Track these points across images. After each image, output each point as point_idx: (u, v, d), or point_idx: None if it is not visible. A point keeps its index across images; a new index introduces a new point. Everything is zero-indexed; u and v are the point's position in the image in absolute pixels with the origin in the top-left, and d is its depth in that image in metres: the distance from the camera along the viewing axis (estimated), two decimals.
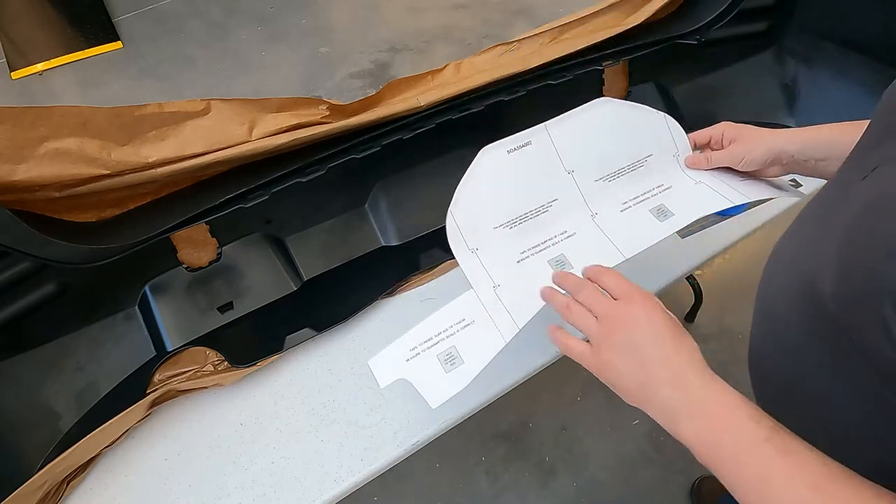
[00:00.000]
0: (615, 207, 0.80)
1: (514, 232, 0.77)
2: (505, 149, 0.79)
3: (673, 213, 0.78)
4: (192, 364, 0.91)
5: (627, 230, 0.77)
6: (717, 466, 0.45)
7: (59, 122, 0.74)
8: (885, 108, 0.50)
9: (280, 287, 0.99)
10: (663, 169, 0.83)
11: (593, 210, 0.80)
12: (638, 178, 0.82)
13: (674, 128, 0.85)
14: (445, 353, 0.70)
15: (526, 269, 0.74)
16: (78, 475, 0.80)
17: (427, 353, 0.71)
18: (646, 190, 0.81)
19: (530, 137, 0.80)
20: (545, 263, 0.75)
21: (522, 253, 0.76)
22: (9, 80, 2.88)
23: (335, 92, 2.75)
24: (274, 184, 0.90)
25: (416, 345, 0.71)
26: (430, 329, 0.72)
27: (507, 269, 0.75)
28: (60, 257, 0.76)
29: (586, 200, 0.80)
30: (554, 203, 0.79)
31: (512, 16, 3.14)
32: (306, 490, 0.79)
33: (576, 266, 0.74)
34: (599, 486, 1.61)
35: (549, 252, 0.76)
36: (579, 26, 1.13)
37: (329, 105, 0.92)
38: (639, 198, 0.81)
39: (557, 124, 0.82)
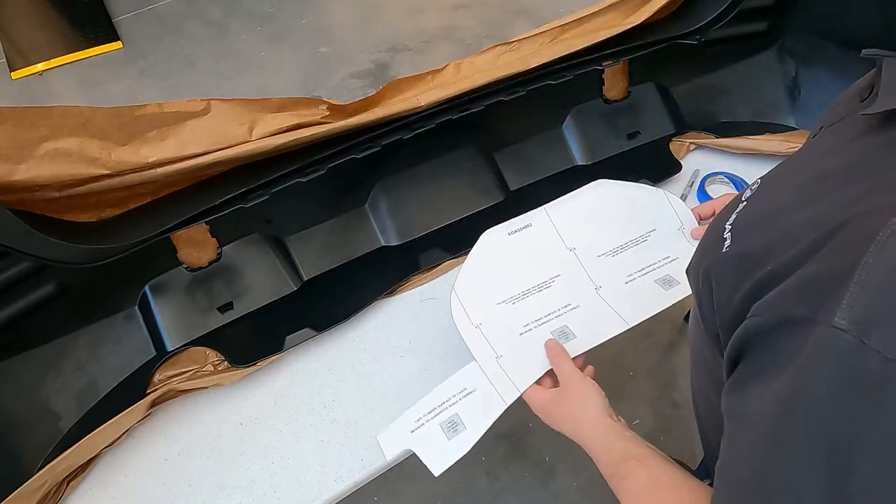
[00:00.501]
0: (620, 280, 0.82)
1: (516, 307, 0.80)
2: (506, 231, 0.84)
3: (679, 281, 0.80)
4: (192, 364, 0.91)
5: (632, 300, 0.80)
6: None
7: (59, 122, 0.74)
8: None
9: (280, 287, 0.99)
10: (668, 242, 0.85)
11: (597, 284, 0.82)
12: (642, 252, 0.84)
13: (675, 202, 0.88)
14: (448, 422, 0.74)
15: (529, 340, 0.78)
16: (78, 475, 0.80)
17: (430, 424, 0.74)
18: (651, 263, 0.83)
19: (530, 220, 0.85)
20: (548, 334, 0.78)
21: (525, 326, 0.79)
22: (9, 80, 2.88)
23: (335, 92, 2.75)
24: (274, 184, 0.90)
25: (420, 416, 0.75)
26: (434, 400, 0.76)
27: (510, 340, 0.78)
28: (60, 257, 0.76)
29: (589, 275, 0.83)
30: (556, 279, 0.82)
31: (512, 16, 3.14)
32: (306, 490, 0.79)
33: (579, 336, 0.77)
34: (599, 486, 1.61)
35: (551, 324, 0.79)
36: (579, 26, 1.13)
37: (329, 105, 0.92)
38: (644, 270, 0.83)
39: (556, 207, 0.85)
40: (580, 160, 1.17)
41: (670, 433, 1.70)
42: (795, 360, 0.33)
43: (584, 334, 0.77)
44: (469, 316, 0.79)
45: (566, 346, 0.76)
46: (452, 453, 0.71)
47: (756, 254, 0.40)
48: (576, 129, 1.17)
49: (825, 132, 0.50)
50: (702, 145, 1.17)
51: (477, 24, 3.10)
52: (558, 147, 1.17)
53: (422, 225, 1.07)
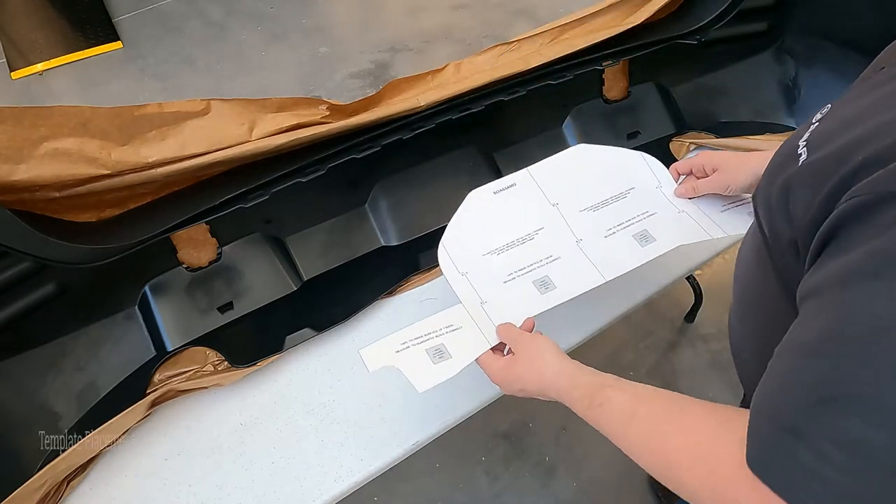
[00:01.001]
0: (600, 233, 0.85)
1: (501, 258, 0.83)
2: (491, 190, 0.87)
3: (655, 238, 0.83)
4: (192, 364, 0.91)
5: (610, 254, 0.83)
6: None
7: (59, 122, 0.74)
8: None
9: (280, 287, 0.99)
10: (646, 199, 0.88)
11: (578, 236, 0.85)
12: (622, 207, 0.87)
13: (652, 163, 0.91)
14: (434, 349, 0.76)
15: (512, 288, 0.81)
16: (78, 475, 0.80)
17: (416, 348, 0.76)
18: (630, 217, 0.86)
19: (514, 180, 0.88)
20: (530, 284, 0.81)
21: (509, 275, 0.82)
22: (9, 80, 2.88)
23: (335, 92, 2.75)
24: (274, 184, 0.90)
25: (406, 340, 0.76)
26: (420, 329, 0.78)
27: (494, 288, 0.81)
28: (60, 257, 0.76)
29: (571, 228, 0.85)
30: (540, 231, 0.85)
31: (512, 16, 3.14)
32: (306, 490, 0.79)
33: (559, 287, 0.80)
34: (599, 486, 1.61)
35: (534, 274, 0.82)
36: (579, 26, 1.13)
37: (329, 105, 0.92)
38: (623, 224, 0.86)
39: (539, 167, 0.89)
40: None
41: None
42: (894, 227, 0.34)
43: (563, 284, 0.80)
44: (455, 265, 0.82)
45: (546, 295, 0.79)
46: (437, 376, 0.72)
47: (839, 154, 0.42)
48: (576, 129, 1.17)
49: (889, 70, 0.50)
50: (702, 145, 1.17)
51: (477, 24, 3.10)
52: (558, 147, 1.16)
53: (422, 225, 1.07)
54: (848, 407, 0.35)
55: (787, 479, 0.39)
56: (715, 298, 1.91)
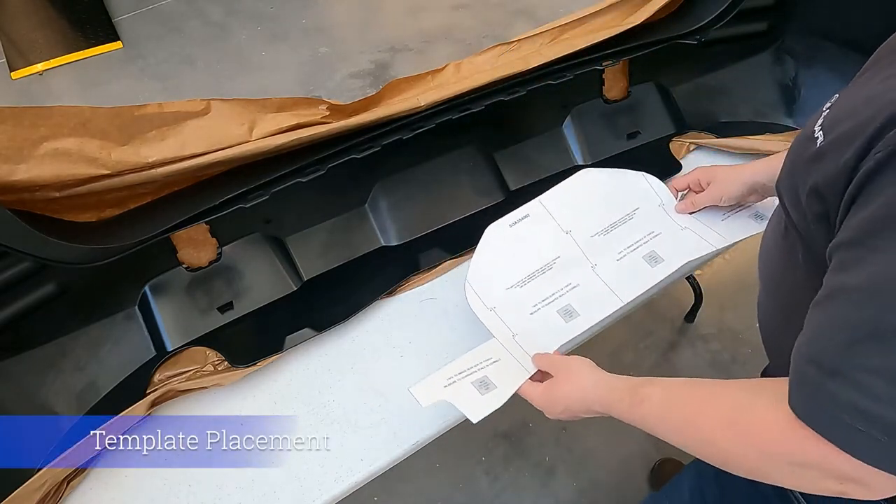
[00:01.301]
0: (612, 257, 0.90)
1: (525, 290, 0.88)
2: (507, 223, 0.92)
3: (663, 258, 0.89)
4: (192, 364, 0.91)
5: (624, 277, 0.87)
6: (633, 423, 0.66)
7: (59, 122, 0.74)
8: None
9: (280, 287, 0.99)
10: (651, 218, 0.93)
11: (593, 262, 0.90)
12: (629, 230, 0.92)
13: (653, 182, 0.96)
14: (479, 381, 0.79)
15: (539, 318, 0.85)
16: (78, 475, 0.80)
17: (463, 382, 0.79)
18: (637, 238, 0.91)
19: (527, 211, 0.93)
20: (555, 313, 0.85)
21: (534, 306, 0.86)
22: (9, 80, 2.88)
23: (335, 92, 2.75)
24: (274, 184, 0.90)
25: (451, 375, 0.80)
26: (463, 364, 0.81)
27: (522, 320, 0.85)
28: (60, 257, 0.76)
29: (585, 254, 0.90)
30: (557, 260, 0.90)
31: (512, 16, 3.14)
32: (306, 490, 0.79)
33: (582, 314, 0.85)
34: (599, 486, 1.61)
35: (557, 303, 0.86)
36: (579, 26, 1.13)
37: (329, 105, 0.92)
38: (632, 246, 0.91)
39: (549, 196, 0.94)
40: (580, 160, 1.17)
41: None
42: None
43: (585, 311, 0.85)
44: (483, 301, 0.86)
45: (570, 323, 0.84)
46: (487, 405, 0.76)
47: (858, 127, 0.44)
48: (576, 129, 1.17)
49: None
50: (702, 145, 1.17)
51: (477, 24, 3.10)
52: (558, 147, 1.17)
53: (422, 225, 1.07)
54: (890, 341, 0.38)
55: (830, 418, 0.41)
56: (715, 298, 1.91)
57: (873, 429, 0.39)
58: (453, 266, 1.02)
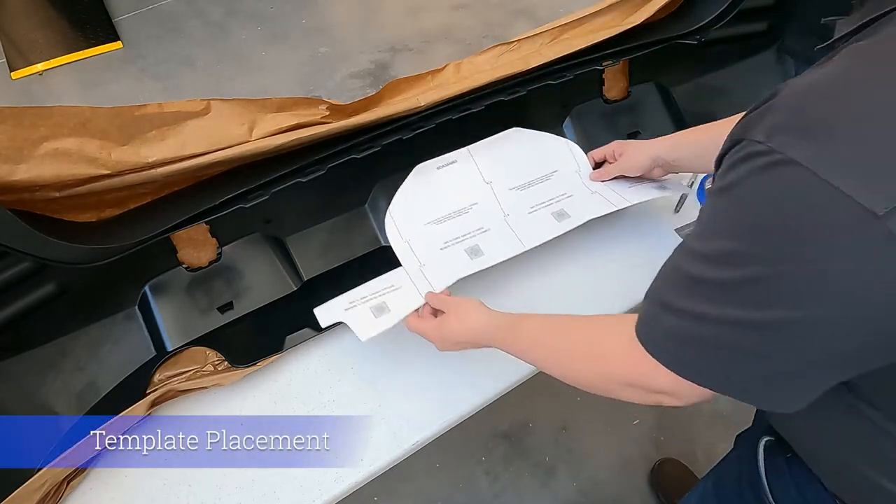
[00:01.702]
0: (524, 210, 0.98)
1: (440, 228, 0.96)
2: (435, 166, 0.98)
3: (570, 216, 0.97)
4: (192, 364, 0.91)
5: (531, 228, 0.96)
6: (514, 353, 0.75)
7: (59, 122, 0.74)
8: None
9: (280, 287, 0.99)
10: (566, 180, 1.02)
11: (506, 212, 0.98)
12: (545, 188, 1.01)
13: (574, 149, 1.05)
14: (376, 306, 0.88)
15: (447, 254, 0.94)
16: (78, 475, 0.80)
17: (362, 307, 0.88)
18: (551, 197, 1.00)
19: (456, 157, 0.99)
20: (462, 251, 0.94)
21: (445, 243, 0.95)
22: (9, 80, 2.88)
23: (335, 92, 2.75)
24: (274, 184, 0.90)
25: (354, 300, 0.89)
26: (366, 290, 0.90)
27: (432, 253, 0.94)
28: (60, 257, 0.76)
29: (500, 204, 0.99)
30: (474, 206, 0.99)
31: (512, 16, 3.14)
32: (306, 490, 0.79)
33: (486, 254, 0.93)
34: (599, 486, 1.61)
35: (466, 243, 0.95)
36: (579, 26, 1.12)
37: (329, 105, 0.92)
38: (544, 203, 0.99)
39: (478, 147, 1.00)
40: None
41: (670, 433, 1.70)
42: (735, 166, 0.45)
43: (490, 252, 0.93)
44: (400, 232, 0.95)
45: (475, 261, 0.92)
46: (377, 327, 0.85)
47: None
48: (576, 128, 1.17)
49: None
50: None
51: (477, 24, 3.10)
52: None
53: None
54: (691, 287, 0.48)
55: (655, 339, 0.53)
56: None
57: (683, 348, 0.50)
58: None
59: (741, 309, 0.44)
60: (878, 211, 0.37)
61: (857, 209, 0.37)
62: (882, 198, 0.37)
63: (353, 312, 0.87)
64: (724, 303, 0.45)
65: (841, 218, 0.38)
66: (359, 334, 0.84)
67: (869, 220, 0.37)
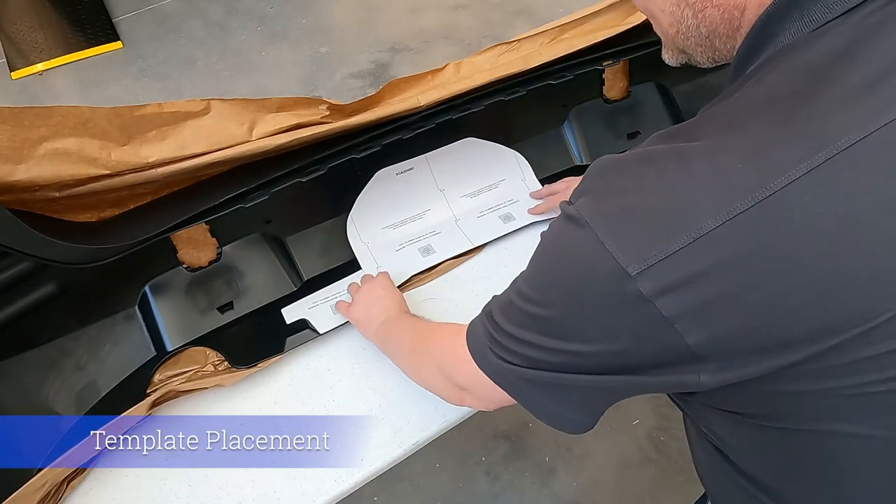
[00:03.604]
0: (474, 215, 1.08)
1: (395, 231, 1.05)
2: (394, 172, 1.04)
3: (515, 218, 1.07)
4: (193, 364, 0.91)
5: (479, 229, 1.06)
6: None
7: (58, 122, 0.73)
8: None
9: (280, 287, 0.99)
10: (512, 188, 1.11)
11: (457, 216, 1.08)
12: (493, 195, 1.11)
13: (520, 160, 1.13)
14: (335, 305, 0.96)
15: (402, 254, 1.03)
16: (78, 475, 0.80)
17: (323, 305, 0.97)
18: (498, 203, 1.10)
19: (413, 164, 1.05)
20: (416, 251, 1.03)
21: (400, 245, 1.04)
22: (9, 80, 2.88)
23: (335, 92, 2.75)
24: (274, 184, 0.90)
25: (316, 301, 0.97)
26: (328, 292, 0.98)
27: (388, 255, 1.03)
28: (60, 257, 0.76)
29: (452, 210, 1.08)
30: (427, 212, 1.07)
31: (512, 16, 3.14)
32: (306, 490, 0.79)
33: (437, 252, 1.03)
34: (599, 486, 1.61)
35: (419, 244, 1.04)
36: (579, 26, 1.12)
37: (329, 105, 0.92)
38: (492, 208, 1.09)
39: (434, 155, 1.07)
40: (580, 160, 1.17)
41: (670, 433, 1.70)
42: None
43: (440, 250, 1.03)
44: (360, 236, 1.03)
45: (426, 259, 1.02)
46: (335, 321, 0.94)
47: None
48: (576, 129, 1.17)
49: None
50: None
51: (477, 24, 3.10)
52: (558, 147, 1.17)
53: None
54: (510, 306, 0.53)
55: (474, 332, 0.59)
56: None
57: (487, 348, 0.56)
58: (453, 266, 1.02)
59: (540, 336, 0.50)
60: (631, 271, 0.42)
61: (614, 265, 0.42)
62: (634, 261, 0.42)
63: (314, 310, 0.96)
64: (526, 329, 0.52)
65: (602, 269, 0.43)
66: (318, 328, 0.93)
67: (622, 277, 0.42)
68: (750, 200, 0.40)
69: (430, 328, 0.77)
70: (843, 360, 0.42)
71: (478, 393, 0.63)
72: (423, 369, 0.74)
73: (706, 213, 0.40)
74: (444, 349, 0.68)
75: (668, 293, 0.42)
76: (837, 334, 0.41)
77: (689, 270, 0.41)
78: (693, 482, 0.68)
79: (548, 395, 0.54)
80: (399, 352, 0.82)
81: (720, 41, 0.54)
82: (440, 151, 1.07)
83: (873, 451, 0.47)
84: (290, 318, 0.95)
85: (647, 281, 0.42)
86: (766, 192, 0.39)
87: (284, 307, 0.96)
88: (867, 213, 0.40)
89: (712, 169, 0.42)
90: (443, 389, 0.70)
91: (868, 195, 0.40)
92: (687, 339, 0.43)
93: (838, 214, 0.40)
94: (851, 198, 0.40)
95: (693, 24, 0.53)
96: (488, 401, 0.63)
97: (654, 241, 0.42)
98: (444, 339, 0.68)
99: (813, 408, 0.46)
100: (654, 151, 0.46)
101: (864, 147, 0.40)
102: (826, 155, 0.40)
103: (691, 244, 0.41)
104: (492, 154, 1.11)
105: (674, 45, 0.59)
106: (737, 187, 0.40)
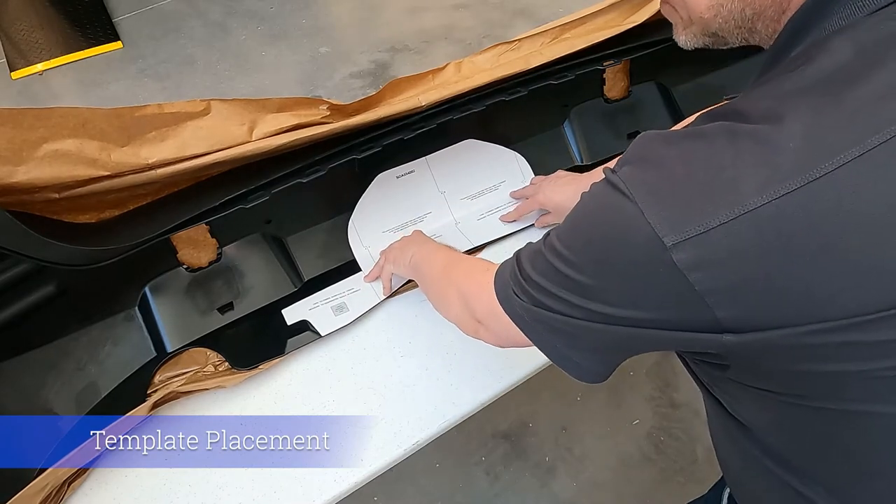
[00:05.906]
0: (474, 217, 1.09)
1: (397, 235, 1.04)
2: (395, 175, 1.04)
3: (515, 219, 1.07)
4: (193, 365, 0.91)
5: (479, 231, 1.06)
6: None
7: (58, 124, 0.73)
8: None
9: (280, 287, 0.99)
10: (512, 190, 1.10)
11: (457, 220, 1.08)
12: (493, 197, 1.10)
13: (521, 162, 1.13)
14: (337, 306, 0.97)
15: None
16: (78, 476, 0.80)
17: (324, 307, 0.97)
18: (498, 205, 1.10)
19: (414, 167, 1.06)
20: None
21: None
22: (9, 80, 2.88)
23: (335, 92, 2.75)
24: (274, 184, 0.90)
25: (317, 302, 0.97)
26: (327, 293, 0.98)
27: None
28: (60, 259, 0.76)
29: (452, 213, 1.09)
30: (428, 215, 1.07)
31: (512, 16, 3.14)
32: (306, 490, 0.79)
33: None
34: (599, 486, 1.61)
35: None
36: (580, 26, 1.12)
37: (329, 105, 0.92)
38: (492, 210, 1.09)
39: (435, 158, 1.07)
40: (580, 160, 1.17)
41: (670, 433, 1.70)
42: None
43: None
44: (360, 239, 1.03)
45: None
46: (337, 323, 0.94)
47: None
48: (576, 128, 1.17)
49: None
50: None
51: (477, 24, 3.10)
52: (559, 146, 1.16)
53: None
54: (536, 254, 0.54)
55: (502, 273, 0.60)
56: None
57: (511, 288, 0.57)
58: None
59: (564, 291, 0.51)
60: (667, 242, 0.42)
61: (651, 234, 0.43)
62: (671, 232, 0.42)
63: (315, 311, 0.96)
64: (551, 282, 0.53)
65: (638, 238, 0.44)
66: (320, 330, 0.93)
67: (658, 247, 0.42)
68: (800, 181, 0.39)
69: (462, 258, 0.82)
70: (881, 341, 0.42)
71: (493, 328, 0.64)
72: (447, 296, 0.75)
73: (751, 190, 0.40)
74: (469, 280, 0.70)
75: (703, 268, 0.41)
76: (876, 318, 0.40)
77: (727, 247, 0.41)
78: (693, 482, 0.68)
79: (561, 339, 0.54)
80: (429, 275, 0.83)
81: (763, 24, 0.52)
82: (441, 154, 1.07)
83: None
84: (290, 320, 0.95)
85: (682, 253, 0.42)
86: (817, 173, 0.39)
87: (285, 308, 0.96)
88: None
89: (760, 147, 0.42)
90: (460, 318, 0.71)
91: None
92: (717, 313, 0.43)
93: (889, 202, 0.39)
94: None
95: (738, 7, 0.52)
96: (502, 338, 0.64)
97: (694, 215, 0.41)
98: (472, 270, 0.71)
99: (849, 388, 0.45)
100: (703, 129, 0.45)
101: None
102: (879, 139, 0.39)
103: (732, 220, 0.40)
104: (492, 156, 1.11)
105: (703, 28, 0.57)
106: (786, 167, 0.40)
